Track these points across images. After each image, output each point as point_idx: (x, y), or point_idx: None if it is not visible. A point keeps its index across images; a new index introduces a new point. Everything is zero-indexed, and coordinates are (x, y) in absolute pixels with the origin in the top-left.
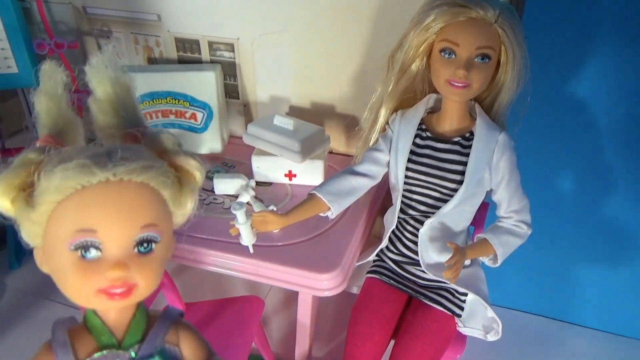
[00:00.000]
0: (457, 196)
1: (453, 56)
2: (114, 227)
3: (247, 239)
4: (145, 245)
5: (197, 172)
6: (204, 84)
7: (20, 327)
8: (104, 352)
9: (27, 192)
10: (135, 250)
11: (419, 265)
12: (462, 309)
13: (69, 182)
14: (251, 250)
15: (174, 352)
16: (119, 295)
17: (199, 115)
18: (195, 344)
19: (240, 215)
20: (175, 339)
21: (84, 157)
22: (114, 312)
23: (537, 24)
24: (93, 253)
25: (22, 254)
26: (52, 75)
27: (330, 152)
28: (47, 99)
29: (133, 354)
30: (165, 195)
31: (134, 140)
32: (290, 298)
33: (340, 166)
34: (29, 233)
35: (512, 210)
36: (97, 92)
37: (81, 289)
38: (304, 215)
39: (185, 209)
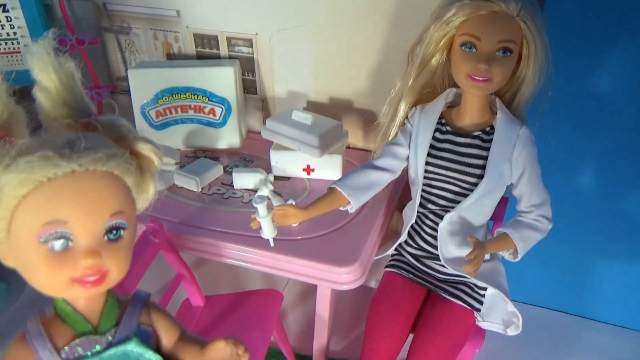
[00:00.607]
0: (478, 190)
1: (474, 50)
2: (84, 216)
3: (268, 232)
4: (114, 232)
5: (155, 157)
6: (222, 80)
7: None
8: (82, 338)
9: None
10: (105, 238)
11: (438, 259)
12: (481, 303)
13: (33, 175)
14: (272, 244)
15: (148, 332)
16: (92, 283)
17: (218, 111)
18: (168, 323)
19: (261, 208)
20: (148, 319)
21: (46, 149)
22: (85, 299)
23: (558, 16)
24: (63, 244)
25: None
26: None
27: (348, 147)
28: None
29: (110, 338)
30: (129, 182)
31: (90, 130)
32: (308, 291)
33: (358, 161)
34: None
35: (532, 205)
36: (42, 80)
37: (54, 280)
38: (323, 209)
39: (147, 194)
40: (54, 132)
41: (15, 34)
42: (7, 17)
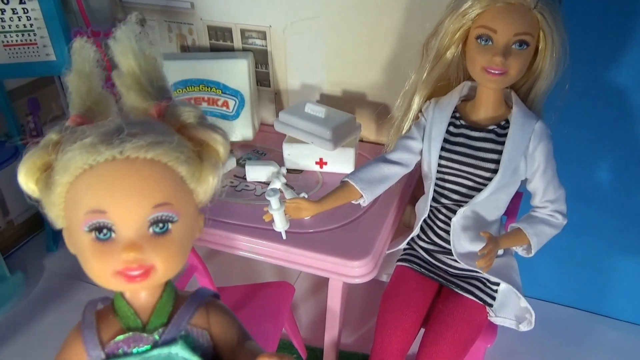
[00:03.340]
0: (492, 185)
1: (490, 43)
2: (123, 207)
3: (281, 225)
4: (160, 225)
5: (220, 147)
6: (236, 72)
7: (57, 308)
8: (128, 334)
9: (47, 174)
10: (150, 230)
11: (451, 254)
12: (493, 298)
13: (76, 162)
14: (284, 237)
15: (201, 336)
16: (136, 277)
17: (231, 103)
18: (227, 329)
19: (274, 201)
20: (204, 322)
21: (94, 135)
22: (141, 293)
23: (577, 8)
24: (106, 234)
25: (59, 237)
26: (81, 53)
27: (361, 141)
28: (77, 77)
29: (157, 337)
30: (182, 172)
31: (159, 116)
32: (319, 284)
33: (370, 154)
34: (52, 214)
35: (547, 200)
36: (121, 65)
37: (99, 270)
38: (336, 203)
39: (206, 186)
40: (132, 116)
41: (31, 25)
42: (24, 9)
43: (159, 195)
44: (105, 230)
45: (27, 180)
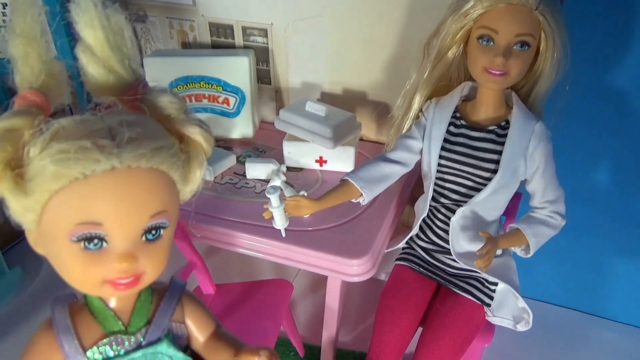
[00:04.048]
0: (491, 185)
1: (491, 43)
2: (121, 219)
3: (280, 222)
4: (153, 232)
5: (205, 143)
6: (237, 69)
7: None
8: (111, 337)
9: (16, 172)
10: (143, 238)
11: (449, 253)
12: (491, 298)
13: (69, 171)
14: (284, 234)
15: (180, 331)
16: (125, 285)
17: (232, 100)
18: (201, 319)
19: (274, 199)
20: (180, 316)
21: (83, 137)
22: (117, 297)
23: (578, 10)
24: (97, 244)
25: None
26: (26, 12)
27: (361, 139)
28: (23, 42)
29: (141, 338)
30: (175, 177)
31: (136, 109)
32: (318, 282)
33: (370, 153)
34: (21, 217)
35: (546, 201)
36: (86, 37)
37: (86, 280)
38: (336, 201)
39: (193, 185)
40: (96, 99)
41: None
42: None
43: (157, 205)
44: (96, 240)
45: None
